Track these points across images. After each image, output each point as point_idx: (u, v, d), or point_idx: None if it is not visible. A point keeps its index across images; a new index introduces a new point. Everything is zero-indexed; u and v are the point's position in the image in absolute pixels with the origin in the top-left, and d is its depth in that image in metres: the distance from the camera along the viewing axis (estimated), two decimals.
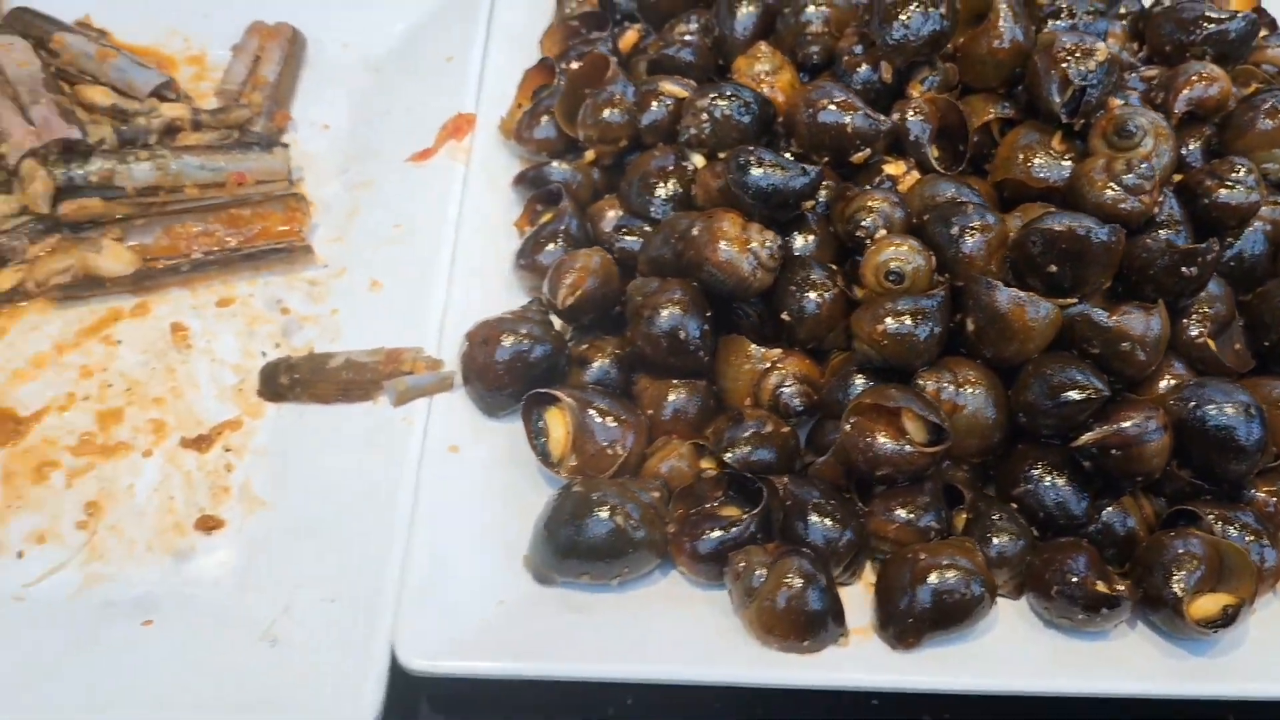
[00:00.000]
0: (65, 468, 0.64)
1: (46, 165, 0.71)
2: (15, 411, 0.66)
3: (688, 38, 0.77)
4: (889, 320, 0.59)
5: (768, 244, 0.63)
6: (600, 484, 0.58)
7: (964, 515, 0.59)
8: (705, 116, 0.69)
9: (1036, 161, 0.67)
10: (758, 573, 0.55)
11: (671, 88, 0.72)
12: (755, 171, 0.64)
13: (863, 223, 0.62)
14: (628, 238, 0.69)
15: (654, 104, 0.72)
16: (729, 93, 0.69)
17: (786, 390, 0.62)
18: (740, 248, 0.62)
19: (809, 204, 0.65)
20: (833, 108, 0.67)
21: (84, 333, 0.70)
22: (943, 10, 0.69)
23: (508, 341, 0.63)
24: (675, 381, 0.64)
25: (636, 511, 0.57)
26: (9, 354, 0.69)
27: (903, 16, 0.68)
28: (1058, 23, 0.73)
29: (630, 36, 0.81)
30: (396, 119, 0.81)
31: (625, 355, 0.65)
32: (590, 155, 0.72)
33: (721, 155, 0.68)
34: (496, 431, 0.64)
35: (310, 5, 0.87)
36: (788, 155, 0.66)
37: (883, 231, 0.62)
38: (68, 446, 0.65)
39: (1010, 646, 0.56)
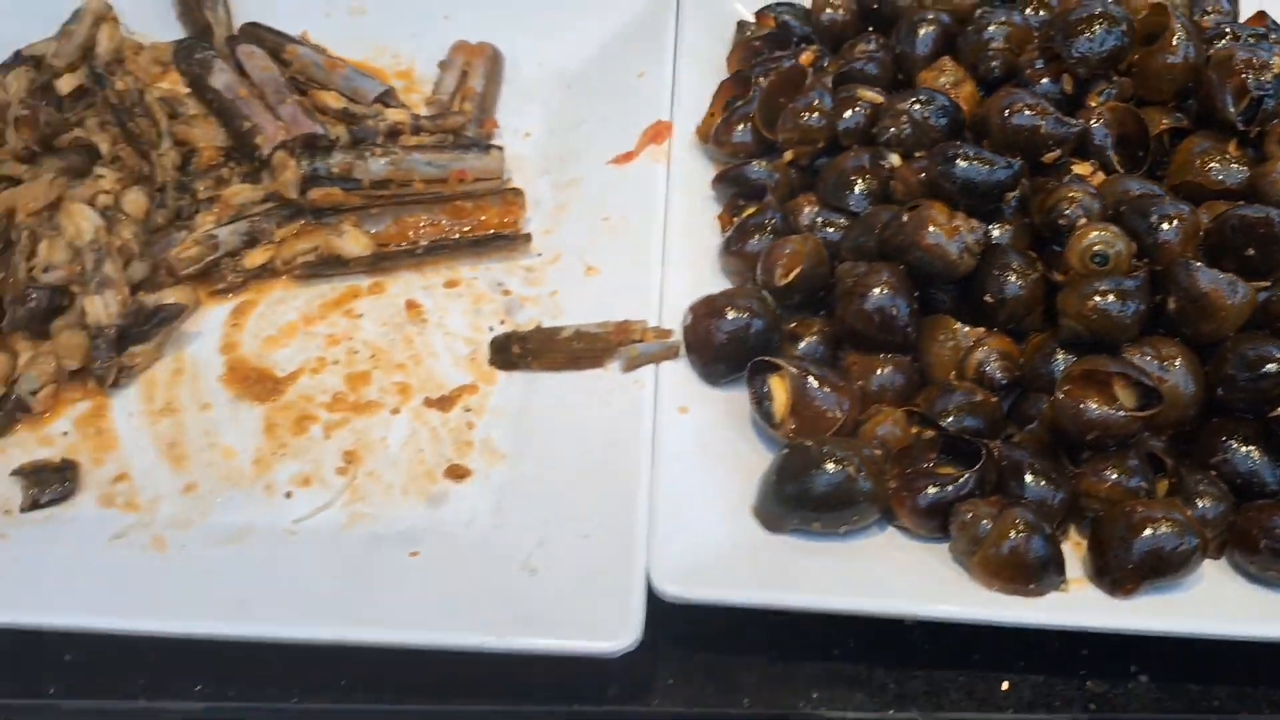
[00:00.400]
0: (322, 421, 0.70)
1: (295, 157, 0.79)
2: (273, 372, 0.73)
3: (870, 54, 0.84)
4: (1097, 298, 0.64)
5: (973, 231, 0.68)
6: (828, 441, 0.63)
7: (1166, 481, 0.63)
8: (905, 119, 0.75)
9: (1214, 166, 0.72)
10: (984, 523, 0.60)
11: (869, 94, 0.78)
12: (961, 164, 0.70)
13: (1065, 212, 0.68)
14: (827, 229, 0.75)
15: (852, 109, 0.78)
16: (926, 98, 0.75)
17: (990, 365, 0.67)
18: (949, 234, 0.68)
19: (1010, 195, 0.71)
20: (1026, 111, 0.73)
21: (327, 306, 0.77)
22: (1123, 28, 0.75)
23: (730, 315, 0.69)
24: (883, 356, 0.69)
25: (863, 466, 0.62)
26: (261, 323, 0.76)
27: (1087, 33, 0.75)
28: (1226, 43, 0.79)
29: (808, 56, 0.88)
30: (593, 127, 0.88)
31: (832, 332, 0.70)
32: (789, 156, 0.79)
33: (917, 155, 0.75)
34: (716, 397, 0.69)
35: (507, 28, 0.95)
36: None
37: (1084, 220, 0.67)
38: (323, 403, 0.71)
39: (1218, 596, 0.59)
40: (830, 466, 0.62)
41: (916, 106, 0.75)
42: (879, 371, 0.68)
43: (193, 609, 0.59)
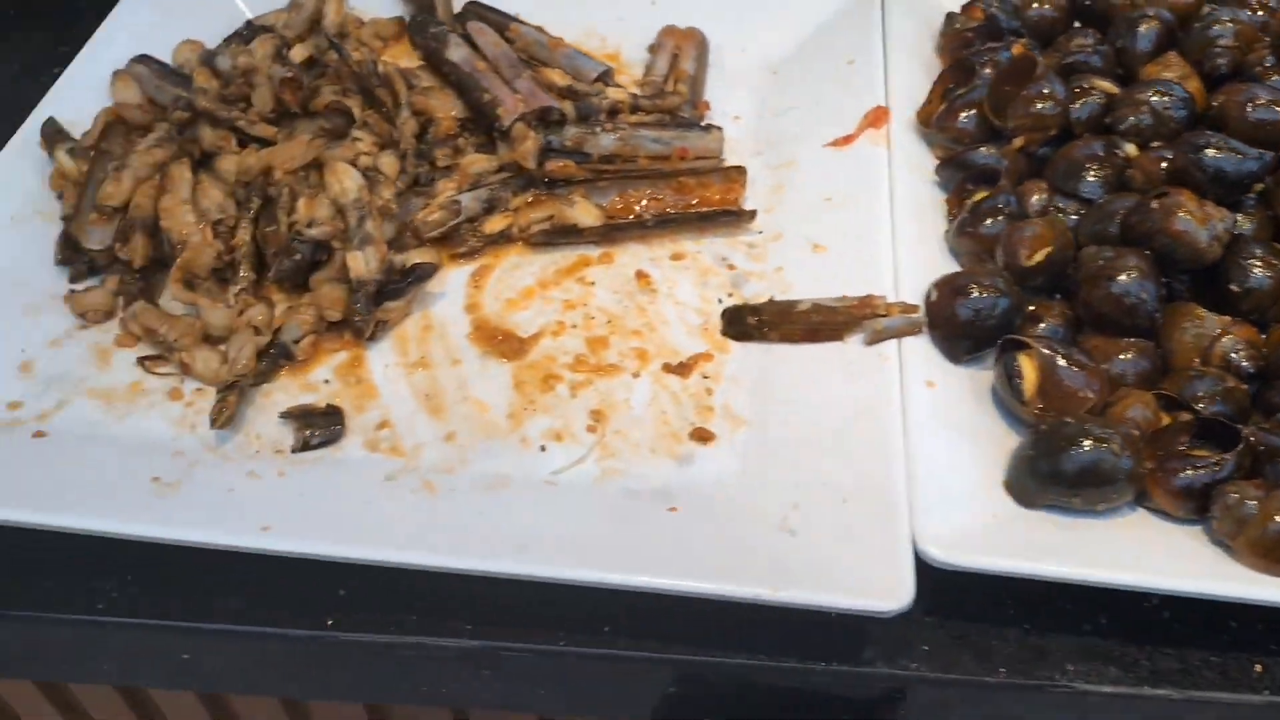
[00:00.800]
0: (567, 381, 0.73)
1: (533, 129, 0.82)
2: (516, 333, 0.76)
3: (1091, 48, 0.85)
4: None
5: (1223, 220, 0.69)
6: (1087, 419, 0.64)
7: None
8: (1146, 109, 0.76)
9: None
10: (1249, 504, 0.60)
11: (1103, 84, 0.79)
12: (1212, 153, 0.70)
13: None
14: (1058, 215, 0.76)
15: (1086, 98, 0.79)
16: (1164, 89, 0.76)
17: (1237, 354, 0.67)
18: (1200, 221, 0.68)
19: (1258, 186, 0.71)
20: (1269, 106, 0.73)
21: (560, 273, 0.80)
22: None
23: (975, 294, 0.70)
24: (1125, 341, 0.69)
25: (1122, 445, 0.63)
26: (500, 286, 0.79)
27: None
28: None
29: (1018, 49, 0.89)
30: (804, 112, 0.90)
31: (1073, 315, 0.71)
32: (1019, 142, 0.79)
33: (1154, 144, 0.75)
34: (958, 373, 0.70)
35: (711, 16, 0.98)
36: None
37: None
38: (566, 364, 0.74)
39: None
40: (1090, 444, 0.62)
41: (1155, 97, 0.76)
42: (1122, 356, 0.69)
43: (467, 547, 0.61)
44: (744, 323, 0.75)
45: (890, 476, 0.63)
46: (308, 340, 0.73)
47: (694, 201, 0.83)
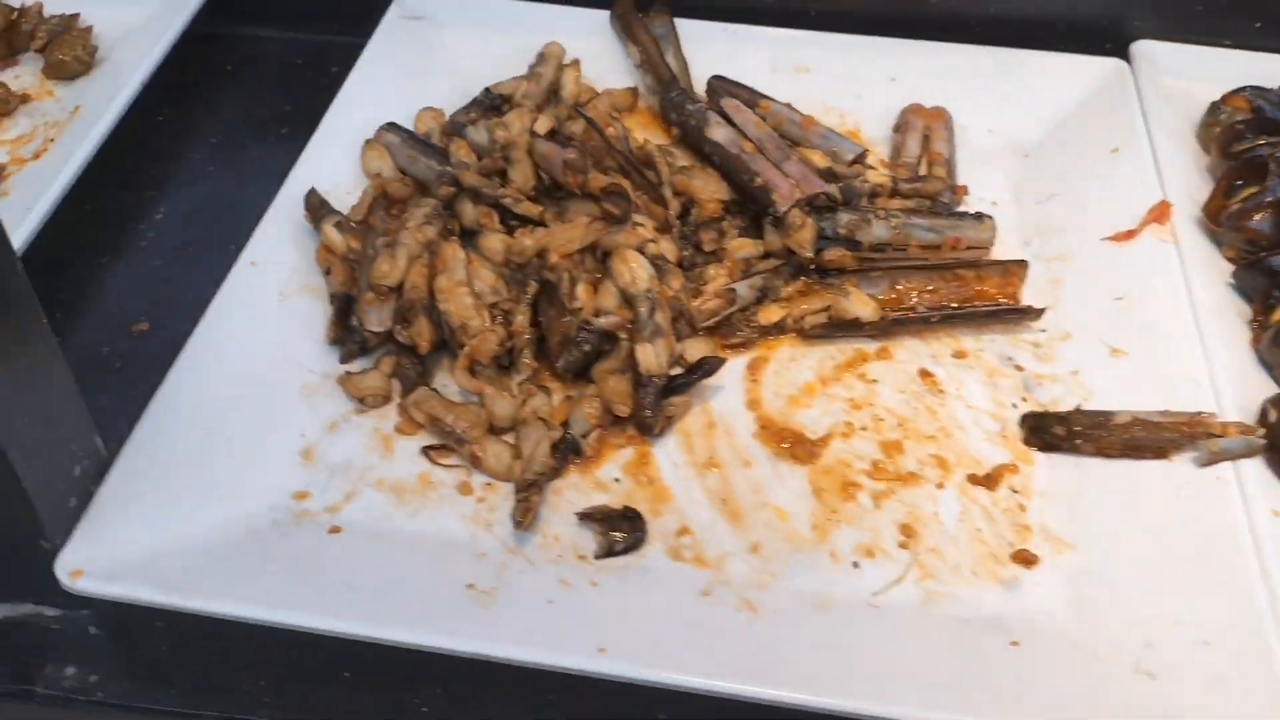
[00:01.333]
0: (868, 490, 0.69)
1: (808, 215, 0.79)
2: (804, 433, 0.72)
3: None
4: None
5: None
6: None
7: None
8: None
9: None
10: None
11: None
12: None
13: None
14: None
15: None
16: None
17: None
18: None
19: None
20: None
21: (839, 369, 0.76)
22: None
23: None
24: None
25: None
26: (778, 381, 0.75)
27: None
28: None
29: None
30: (1068, 201, 0.86)
31: None
32: None
33: None
34: None
35: (953, 94, 0.94)
36: None
37: None
38: (863, 470, 0.70)
39: None
40: None
41: None
42: None
43: (813, 681, 0.57)
44: (1050, 432, 0.71)
45: (1258, 616, 0.59)
46: (594, 435, 0.70)
47: (970, 295, 0.80)
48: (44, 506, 0.58)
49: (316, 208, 0.80)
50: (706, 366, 0.72)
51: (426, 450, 0.70)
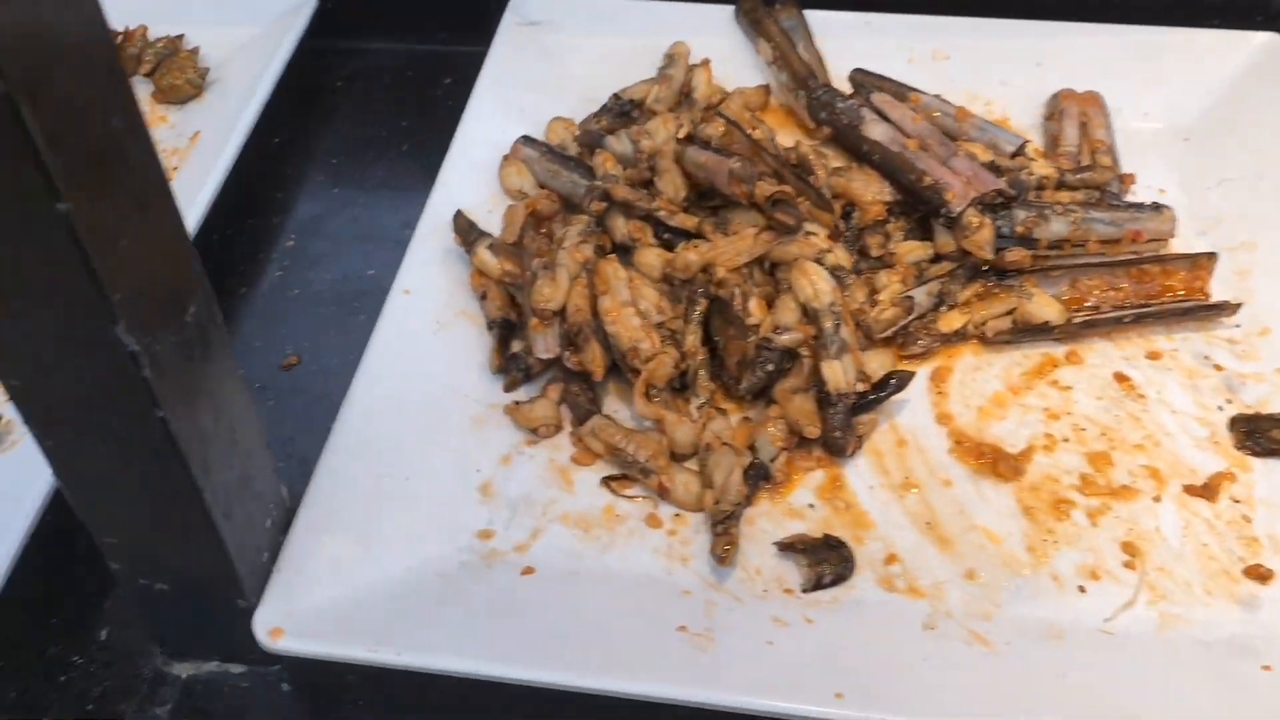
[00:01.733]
0: (1082, 507, 0.65)
1: (985, 214, 0.75)
2: (1002, 447, 0.68)
3: None
4: None
5: None
6: None
7: None
8: None
9: None
10: None
11: None
12: None
13: None
14: None
15: None
16: None
17: None
18: None
19: None
20: None
21: (1029, 376, 0.72)
22: None
23: None
24: None
25: None
26: (965, 392, 0.71)
27: None
28: None
29: None
30: (1242, 186, 0.82)
31: None
32: None
33: None
34: None
35: (1103, 76, 0.89)
36: None
37: None
38: (1072, 485, 0.66)
39: None
40: None
41: None
42: None
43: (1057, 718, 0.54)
44: (1267, 435, 0.67)
45: None
46: (781, 458, 0.67)
47: (1157, 291, 0.75)
48: (241, 563, 0.55)
49: (466, 230, 0.76)
50: (897, 381, 0.68)
51: (607, 481, 0.67)
